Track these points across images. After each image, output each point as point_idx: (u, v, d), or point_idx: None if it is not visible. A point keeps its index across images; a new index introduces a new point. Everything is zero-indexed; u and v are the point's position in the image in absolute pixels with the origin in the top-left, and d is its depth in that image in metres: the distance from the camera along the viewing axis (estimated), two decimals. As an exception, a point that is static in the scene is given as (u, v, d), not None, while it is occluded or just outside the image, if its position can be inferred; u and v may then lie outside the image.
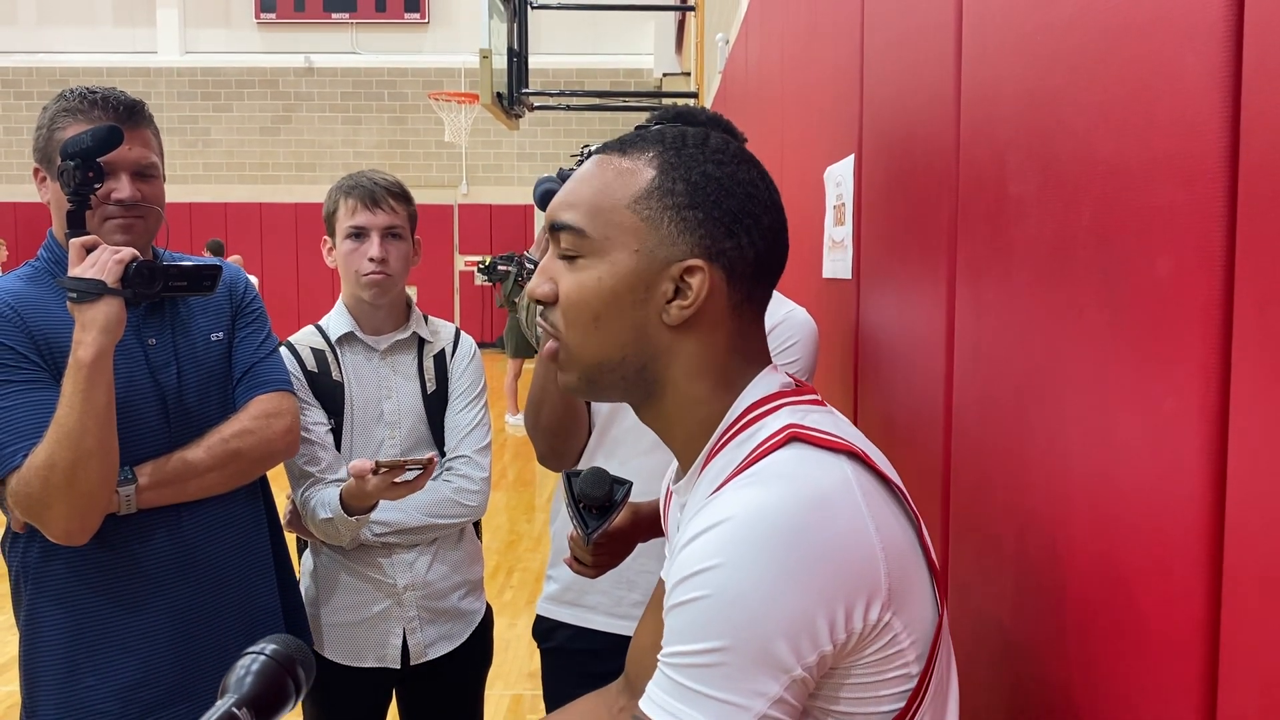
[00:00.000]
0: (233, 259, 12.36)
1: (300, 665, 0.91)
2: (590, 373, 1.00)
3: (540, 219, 1.88)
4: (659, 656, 0.87)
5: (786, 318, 1.84)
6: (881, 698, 0.89)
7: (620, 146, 1.01)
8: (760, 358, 1.02)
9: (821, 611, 0.82)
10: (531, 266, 1.76)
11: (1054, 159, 0.97)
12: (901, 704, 0.89)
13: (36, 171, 1.80)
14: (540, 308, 1.02)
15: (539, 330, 1.08)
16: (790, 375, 1.04)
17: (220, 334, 1.89)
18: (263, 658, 0.89)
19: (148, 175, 1.78)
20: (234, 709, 0.83)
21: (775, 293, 1.83)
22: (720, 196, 0.96)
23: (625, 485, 1.46)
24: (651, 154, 0.99)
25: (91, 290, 1.59)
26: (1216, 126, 0.70)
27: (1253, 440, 0.67)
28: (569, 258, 0.99)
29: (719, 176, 0.97)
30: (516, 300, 8.12)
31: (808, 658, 0.83)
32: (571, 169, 1.77)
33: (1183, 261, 0.74)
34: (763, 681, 0.82)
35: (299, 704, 2.29)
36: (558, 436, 1.85)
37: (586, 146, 1.89)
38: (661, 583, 1.25)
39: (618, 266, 0.96)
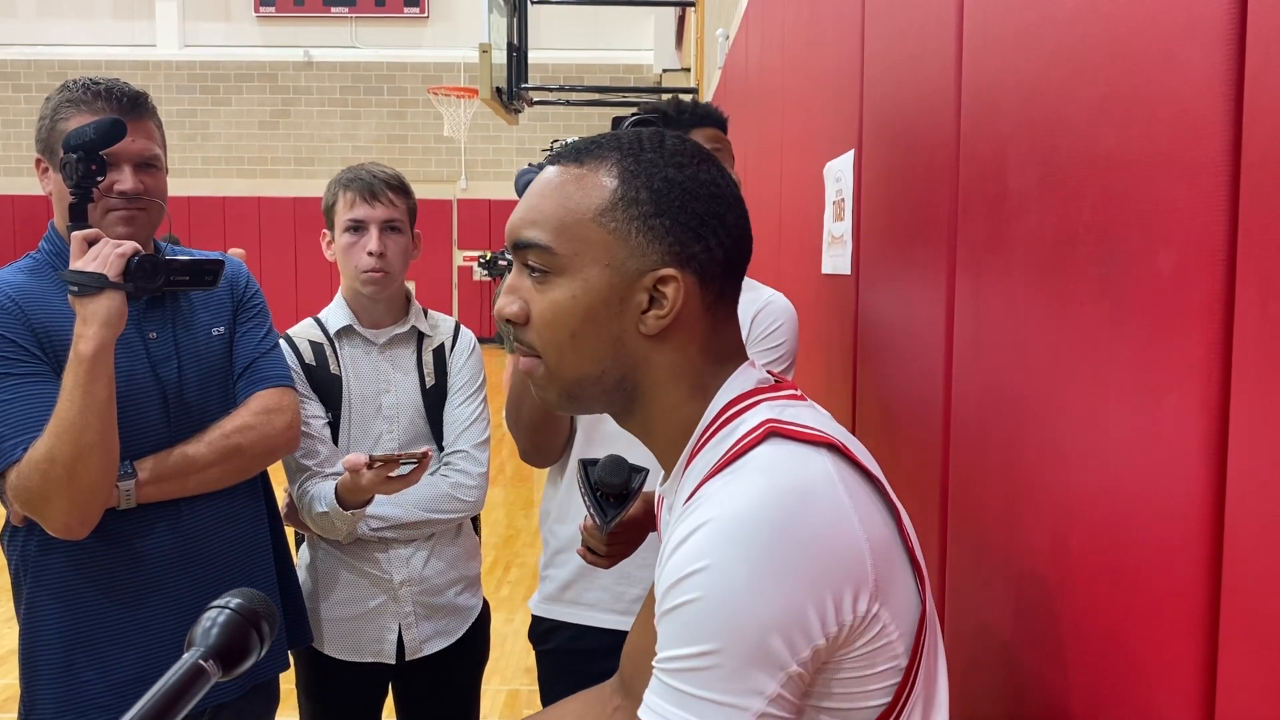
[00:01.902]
0: (234, 252, 12.31)
1: (264, 618, 0.93)
2: (570, 389, 1.00)
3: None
4: (654, 663, 0.87)
5: (767, 305, 1.84)
6: (871, 691, 0.88)
7: (575, 156, 0.99)
8: (736, 354, 1.02)
9: (811, 603, 0.82)
10: (508, 260, 1.75)
11: (1055, 154, 0.97)
12: (889, 698, 0.89)
13: (39, 162, 1.79)
14: (510, 327, 1.01)
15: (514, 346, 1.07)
16: (769, 370, 1.04)
17: (221, 329, 1.88)
18: (228, 611, 0.91)
19: (150, 167, 1.77)
20: (200, 660, 0.85)
21: (753, 280, 1.83)
22: (685, 200, 0.96)
23: (643, 472, 1.45)
24: (610, 162, 0.97)
25: (93, 284, 1.59)
26: (1218, 121, 0.70)
27: (1253, 435, 0.67)
28: (538, 276, 0.98)
29: (681, 180, 0.96)
30: None
31: (802, 652, 0.83)
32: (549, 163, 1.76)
33: (1184, 256, 0.74)
34: (759, 679, 0.82)
35: (296, 695, 2.27)
36: (539, 433, 1.85)
37: (556, 141, 1.88)
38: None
39: (590, 282, 0.95)
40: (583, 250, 0.95)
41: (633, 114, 1.81)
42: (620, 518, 1.44)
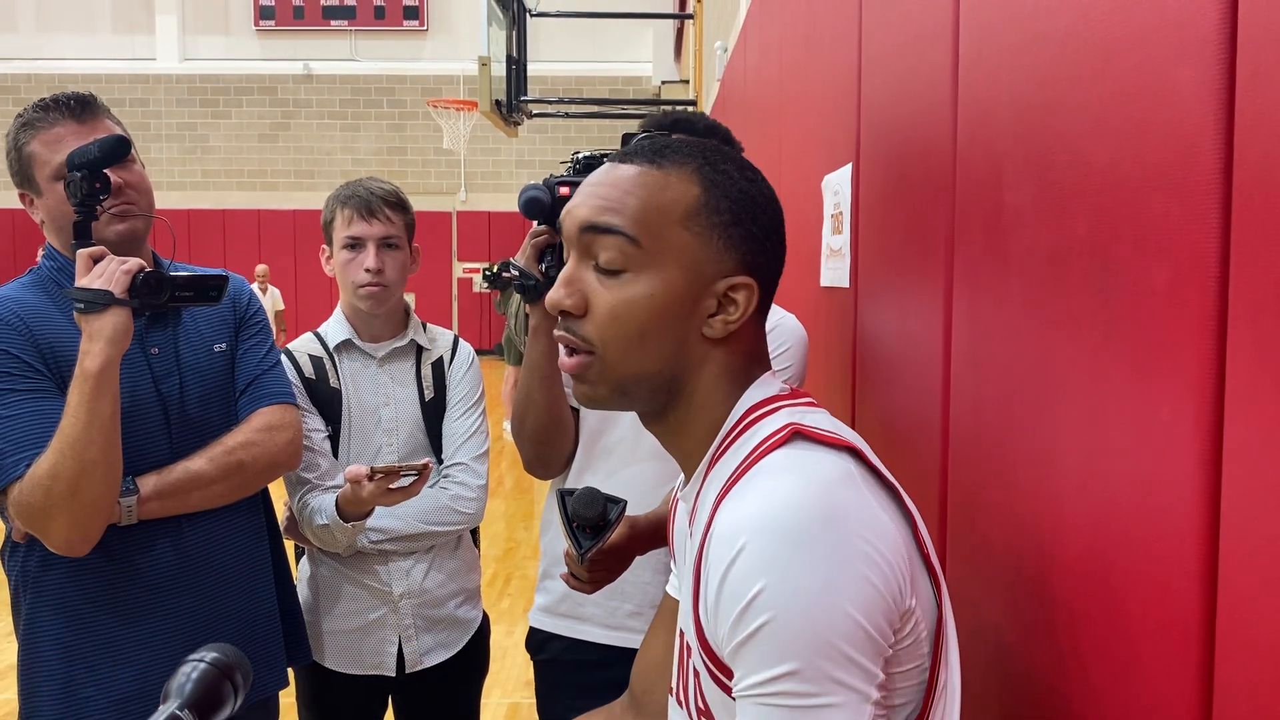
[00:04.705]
0: (261, 270, 12.23)
1: (238, 671, 0.98)
2: (623, 385, 0.99)
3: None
4: (742, 692, 0.85)
5: (779, 324, 1.84)
6: (906, 688, 0.89)
7: (652, 157, 1.00)
8: (764, 361, 1.04)
9: (876, 575, 0.83)
10: (515, 273, 1.74)
11: (1049, 168, 0.97)
12: (919, 696, 0.90)
13: (23, 196, 1.80)
14: (565, 319, 1.00)
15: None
16: (785, 382, 1.05)
17: (224, 345, 1.89)
18: (203, 665, 0.96)
19: (124, 161, 1.76)
20: (177, 711, 0.90)
21: None
22: (757, 213, 0.99)
23: (619, 504, 1.45)
24: (690, 168, 0.99)
25: (99, 301, 1.60)
26: (1210, 137, 0.70)
27: (1247, 448, 0.67)
28: (610, 271, 0.97)
29: (754, 193, 1.00)
30: (505, 310, 8.01)
31: (888, 633, 0.84)
32: (558, 178, 1.76)
33: (1177, 271, 0.74)
34: (864, 665, 0.82)
35: (296, 708, 2.27)
36: (543, 445, 1.85)
37: (577, 153, 1.88)
38: (668, 596, 1.25)
39: (672, 282, 0.96)
40: (666, 249, 0.97)
41: (641, 127, 1.80)
42: (597, 548, 1.44)
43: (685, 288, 0.96)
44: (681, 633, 1.05)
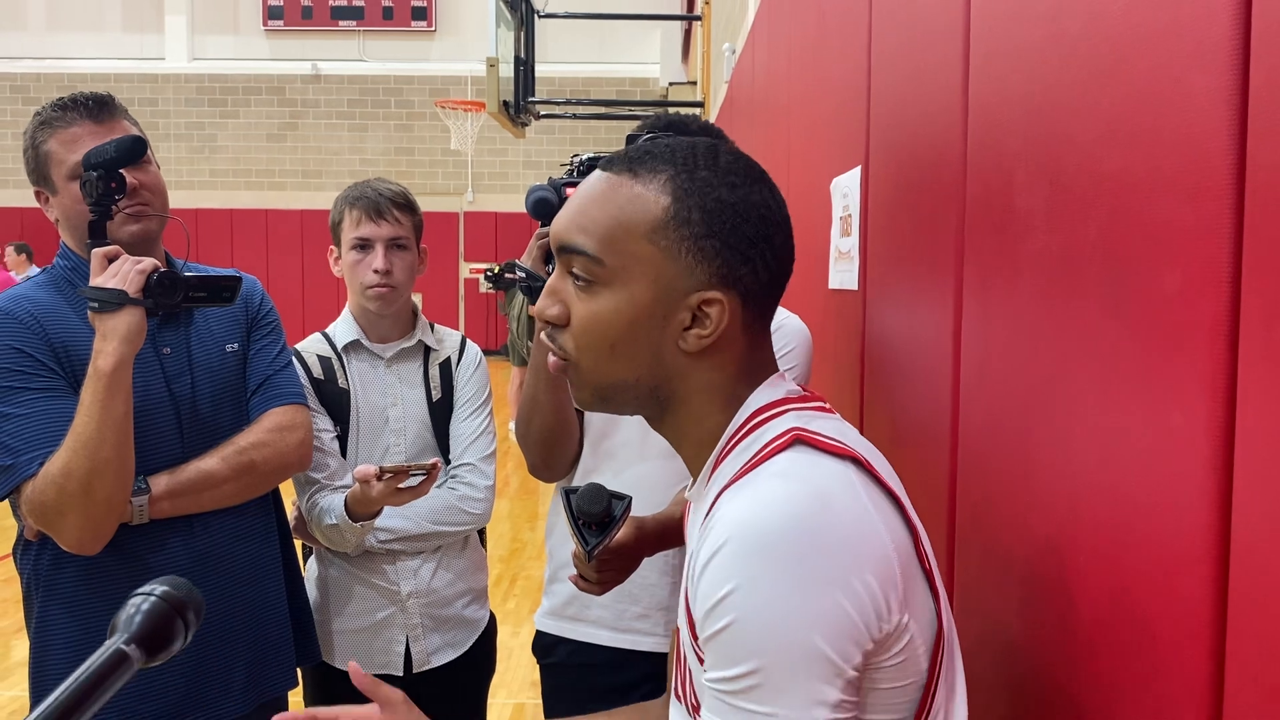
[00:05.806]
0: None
1: (190, 607, 0.92)
2: (603, 392, 1.01)
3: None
4: (706, 680, 0.87)
5: (782, 325, 1.84)
6: (897, 704, 0.89)
7: (629, 166, 0.99)
8: (768, 367, 1.03)
9: (849, 602, 0.82)
10: (521, 274, 1.74)
11: (1061, 172, 0.97)
12: (911, 713, 0.89)
13: (39, 194, 1.80)
14: (548, 327, 1.02)
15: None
16: (797, 384, 1.05)
17: (235, 345, 1.89)
18: (153, 598, 0.90)
19: (139, 161, 1.77)
20: (123, 645, 0.86)
21: None
22: (736, 223, 0.95)
23: (624, 500, 1.45)
24: (664, 178, 0.96)
25: (113, 300, 1.61)
26: (1223, 142, 0.70)
27: (1258, 452, 0.67)
28: (581, 284, 0.98)
29: (733, 202, 0.96)
30: (508, 312, 7.96)
31: (854, 655, 0.83)
32: (563, 179, 1.77)
33: (1189, 276, 0.74)
34: (818, 688, 0.82)
35: (304, 707, 2.26)
36: (548, 447, 1.85)
37: (576, 155, 1.88)
38: None
39: (636, 297, 0.96)
40: (631, 264, 0.96)
41: (640, 127, 1.80)
42: (603, 544, 1.44)
43: (653, 302, 0.95)
44: (677, 630, 1.05)
